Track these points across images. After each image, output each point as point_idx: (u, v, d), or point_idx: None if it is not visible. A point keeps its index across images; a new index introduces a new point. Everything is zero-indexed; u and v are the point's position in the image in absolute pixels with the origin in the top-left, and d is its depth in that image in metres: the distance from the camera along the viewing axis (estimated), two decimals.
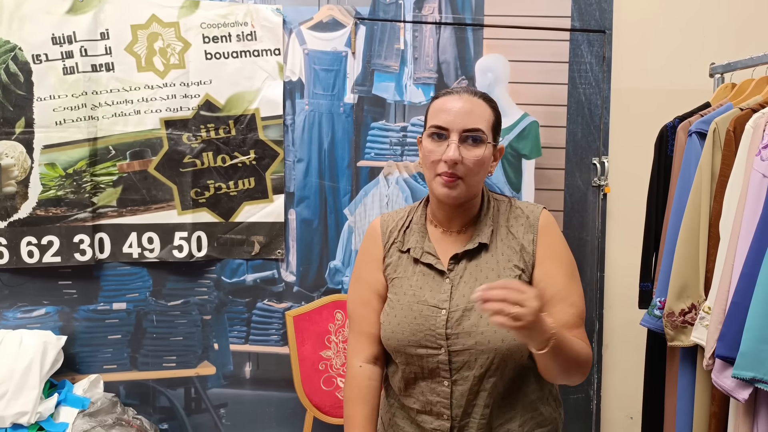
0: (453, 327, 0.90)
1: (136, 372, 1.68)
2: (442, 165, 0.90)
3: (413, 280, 0.96)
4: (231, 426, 1.73)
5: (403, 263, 0.98)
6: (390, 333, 0.95)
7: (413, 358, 0.93)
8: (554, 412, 0.99)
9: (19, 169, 1.59)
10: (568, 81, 1.73)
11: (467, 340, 0.89)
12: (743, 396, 1.06)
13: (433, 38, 1.71)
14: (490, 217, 0.97)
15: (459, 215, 0.97)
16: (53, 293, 1.63)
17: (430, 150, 0.91)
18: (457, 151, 0.88)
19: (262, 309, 1.72)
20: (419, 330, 0.92)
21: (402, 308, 0.94)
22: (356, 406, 0.98)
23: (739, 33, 1.74)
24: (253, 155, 1.67)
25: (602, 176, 1.74)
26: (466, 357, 0.90)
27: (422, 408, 0.95)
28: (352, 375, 0.99)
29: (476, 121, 0.91)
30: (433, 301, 0.93)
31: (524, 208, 0.98)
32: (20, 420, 1.43)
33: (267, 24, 1.65)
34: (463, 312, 0.91)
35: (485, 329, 0.89)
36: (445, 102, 0.93)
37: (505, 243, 0.95)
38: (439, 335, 0.91)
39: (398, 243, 0.99)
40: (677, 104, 1.52)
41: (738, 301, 1.08)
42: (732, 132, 1.22)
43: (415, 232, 0.99)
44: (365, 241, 1.04)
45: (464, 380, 0.91)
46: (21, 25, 1.56)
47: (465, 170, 0.90)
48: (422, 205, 1.03)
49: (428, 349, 0.91)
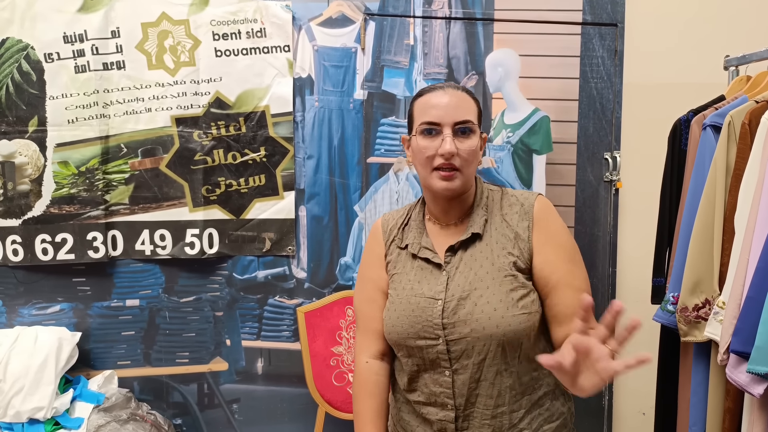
0: (449, 317, 0.91)
1: (149, 368, 1.70)
2: (438, 159, 0.91)
3: (411, 275, 0.97)
4: (244, 421, 1.74)
5: (402, 259, 0.99)
6: (390, 327, 0.96)
7: (414, 350, 0.94)
8: (563, 407, 0.99)
9: (33, 168, 1.61)
10: (579, 75, 1.72)
11: (463, 328, 0.90)
12: (758, 391, 1.05)
13: (443, 33, 1.71)
14: (483, 207, 0.98)
15: (454, 208, 0.98)
16: (67, 290, 1.65)
17: (424, 146, 0.92)
18: (453, 144, 0.90)
19: (273, 305, 1.73)
20: (417, 322, 0.93)
21: (401, 302, 0.96)
22: (364, 401, 0.99)
23: (753, 25, 1.72)
24: (264, 152, 1.67)
25: (614, 171, 1.73)
26: (463, 345, 0.91)
27: (427, 400, 0.96)
28: (360, 371, 1.01)
29: (465, 113, 0.92)
30: (430, 293, 0.94)
31: (518, 196, 0.99)
32: (36, 415, 1.45)
33: (276, 21, 1.65)
34: (458, 301, 0.91)
35: (480, 316, 0.90)
36: (431, 98, 0.93)
37: (500, 231, 0.96)
38: (435, 325, 0.92)
39: (397, 240, 1.01)
40: (690, 98, 1.50)
41: (753, 295, 1.07)
42: (747, 125, 1.21)
43: (413, 228, 1.01)
44: (369, 240, 1.07)
45: (464, 369, 0.91)
46: (33, 24, 1.57)
47: (461, 162, 0.92)
48: (420, 203, 1.04)
49: (427, 340, 0.93)
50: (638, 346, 2.07)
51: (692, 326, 1.27)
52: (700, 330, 1.25)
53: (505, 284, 0.91)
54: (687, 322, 1.28)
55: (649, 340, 1.56)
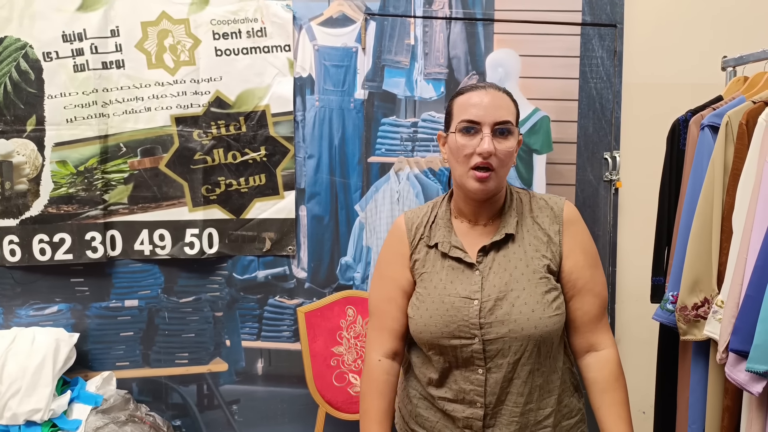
0: (486, 317, 0.92)
1: (148, 369, 1.69)
2: (475, 158, 0.92)
3: (443, 274, 0.97)
4: (243, 422, 1.73)
5: (431, 258, 0.99)
6: (422, 326, 0.96)
7: (447, 349, 0.94)
8: (578, 402, 1.02)
9: (31, 167, 1.60)
10: (579, 75, 1.73)
11: (501, 328, 0.91)
12: (757, 389, 1.05)
13: (444, 33, 1.71)
14: (514, 209, 0.99)
15: (486, 209, 0.98)
16: (65, 291, 1.64)
17: (462, 144, 0.93)
18: (491, 144, 0.90)
19: (273, 305, 1.72)
20: (452, 321, 0.93)
21: (433, 301, 0.95)
22: (373, 400, 0.99)
23: (751, 26, 1.74)
24: (264, 152, 1.67)
25: (614, 171, 1.74)
26: (500, 345, 0.92)
27: (455, 397, 0.96)
28: (371, 368, 1.00)
29: (505, 114, 0.93)
30: (465, 293, 0.94)
31: (547, 200, 1.01)
32: (34, 417, 1.44)
33: (277, 20, 1.65)
34: (495, 302, 0.92)
35: (518, 317, 0.91)
36: (473, 97, 0.94)
37: (531, 233, 0.97)
38: (472, 325, 0.92)
39: (425, 238, 1.00)
40: (689, 98, 1.51)
41: (752, 294, 1.08)
42: (745, 125, 1.22)
43: (441, 227, 1.00)
44: (389, 238, 1.05)
45: (498, 368, 0.92)
46: (31, 23, 1.56)
47: (498, 162, 0.92)
48: (446, 201, 1.04)
49: (462, 340, 0.93)
50: (638, 345, 2.08)
51: (691, 325, 1.28)
52: (699, 329, 1.26)
53: (540, 286, 0.93)
54: (686, 321, 1.28)
55: (649, 339, 1.58)
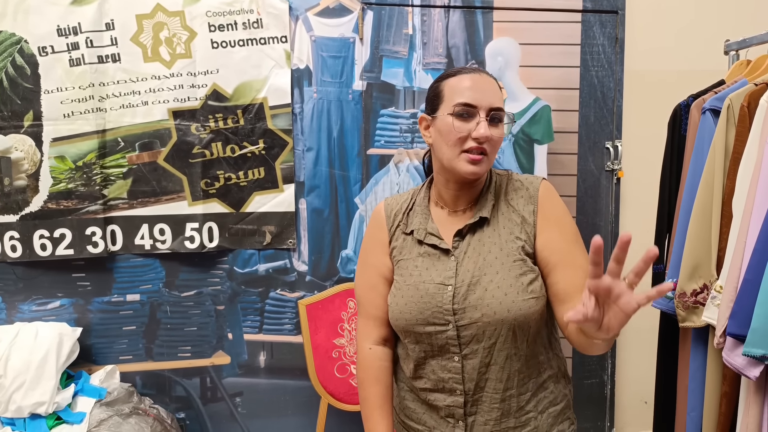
0: (459, 302, 0.91)
1: (151, 362, 1.70)
2: (470, 142, 0.90)
3: (418, 261, 0.96)
4: (247, 414, 1.75)
5: (408, 245, 0.99)
6: (398, 314, 0.96)
7: (422, 336, 0.94)
8: (565, 389, 1.00)
9: (29, 163, 1.59)
10: (580, 64, 1.71)
11: (474, 313, 0.90)
12: (754, 374, 1.05)
13: (442, 22, 1.69)
14: (492, 192, 0.98)
15: (466, 193, 0.97)
16: (67, 285, 1.64)
17: (457, 127, 0.91)
18: (488, 129, 0.89)
19: (275, 298, 1.72)
20: (426, 308, 0.93)
21: (408, 288, 0.95)
22: (370, 387, 0.99)
23: (753, 9, 1.71)
24: (262, 145, 1.66)
25: (615, 160, 1.73)
26: (474, 330, 0.91)
27: (434, 386, 0.96)
28: (363, 357, 1.01)
29: (499, 101, 0.92)
30: (439, 279, 0.94)
31: (524, 180, 0.99)
32: (38, 410, 1.45)
33: (273, 11, 1.63)
34: (469, 287, 0.91)
35: (491, 301, 0.90)
36: (466, 80, 0.92)
37: (506, 216, 0.96)
38: (446, 311, 0.92)
39: (402, 225, 1.00)
40: (692, 84, 1.49)
41: (750, 278, 1.07)
42: (746, 107, 1.20)
43: (418, 213, 1.00)
44: (370, 226, 1.05)
45: (474, 354, 0.92)
46: (26, 17, 1.55)
47: (491, 147, 0.91)
48: (425, 187, 1.03)
49: (436, 326, 0.92)
50: (638, 334, 2.08)
51: (690, 311, 1.27)
52: (698, 315, 1.25)
53: (514, 269, 0.91)
54: (685, 308, 1.28)
55: (649, 328, 1.57)
